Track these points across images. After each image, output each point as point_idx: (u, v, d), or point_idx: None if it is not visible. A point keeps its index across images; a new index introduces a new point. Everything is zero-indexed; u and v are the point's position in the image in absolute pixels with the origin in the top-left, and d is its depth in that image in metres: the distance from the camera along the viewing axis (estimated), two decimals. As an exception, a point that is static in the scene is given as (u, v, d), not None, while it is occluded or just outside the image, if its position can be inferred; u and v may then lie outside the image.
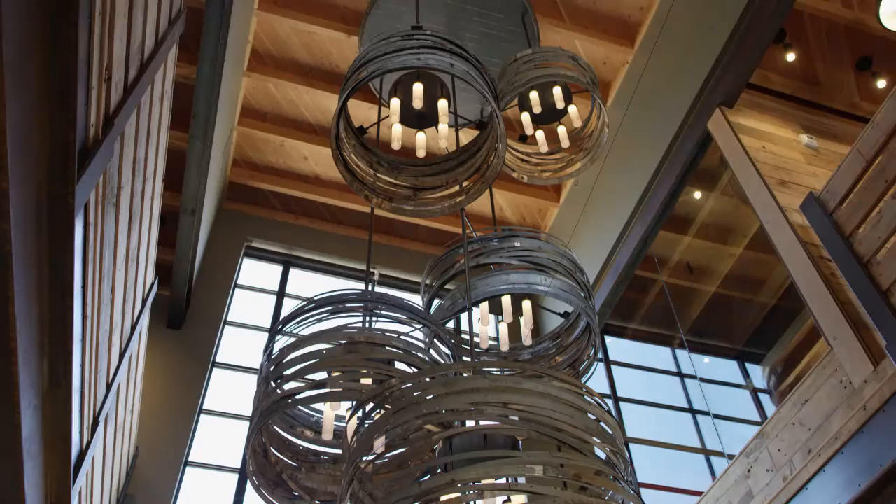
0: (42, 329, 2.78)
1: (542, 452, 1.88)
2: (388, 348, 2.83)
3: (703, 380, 7.81)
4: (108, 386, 4.19)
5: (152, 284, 5.10)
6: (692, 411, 7.89)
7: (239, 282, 8.48)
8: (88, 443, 3.83)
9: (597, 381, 7.84)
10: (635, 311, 8.43)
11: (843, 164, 4.20)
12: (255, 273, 8.72)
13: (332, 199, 8.89)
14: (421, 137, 4.14)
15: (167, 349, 7.29)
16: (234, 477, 6.85)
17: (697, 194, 7.47)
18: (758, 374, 8.32)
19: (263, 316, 8.31)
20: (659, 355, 8.65)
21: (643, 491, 6.87)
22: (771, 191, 4.93)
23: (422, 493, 1.86)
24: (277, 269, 8.82)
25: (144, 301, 4.88)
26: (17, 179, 2.23)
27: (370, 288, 3.88)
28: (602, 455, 2.15)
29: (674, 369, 8.47)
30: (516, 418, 2.03)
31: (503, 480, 2.04)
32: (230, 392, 7.51)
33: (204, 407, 7.22)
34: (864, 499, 3.58)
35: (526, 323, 3.81)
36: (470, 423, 2.26)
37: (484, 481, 1.94)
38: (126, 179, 3.65)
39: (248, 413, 6.19)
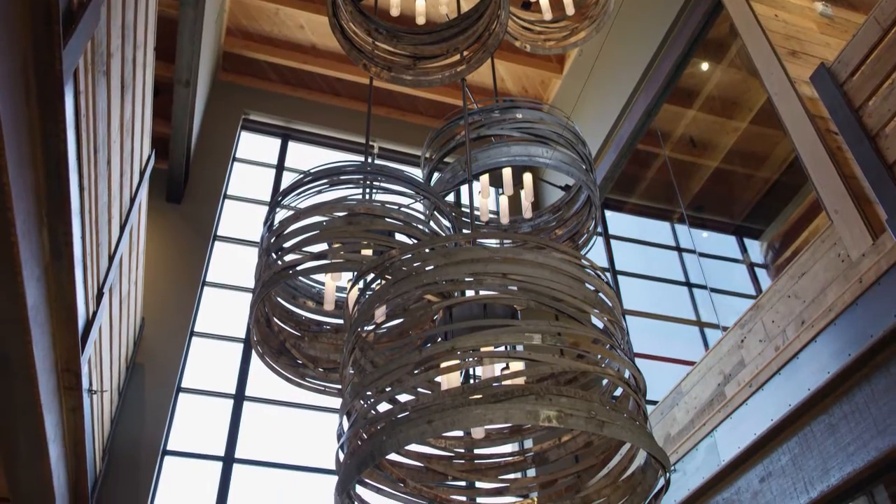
0: (39, 200, 2.76)
1: (541, 321, 1.90)
2: (388, 220, 2.82)
3: (701, 254, 7.88)
4: (111, 258, 4.22)
5: (149, 157, 5.05)
6: (689, 285, 8.01)
7: (237, 155, 8.40)
8: (94, 313, 3.90)
9: (596, 254, 7.91)
10: (636, 186, 8.41)
11: (857, 33, 4.05)
12: (254, 146, 8.63)
13: (330, 70, 8.67)
14: (420, 3, 3.98)
15: (168, 223, 7.31)
16: (239, 346, 7.04)
17: (704, 66, 7.27)
18: (756, 249, 8.39)
19: (263, 189, 8.29)
20: (658, 230, 8.70)
21: (638, 361, 7.07)
22: (781, 61, 4.79)
23: (422, 360, 1.89)
24: (276, 143, 8.72)
25: (142, 174, 4.84)
26: (1, 46, 2.14)
27: (370, 160, 3.84)
28: (599, 325, 2.18)
29: (672, 244, 8.53)
30: (515, 288, 2.04)
31: (502, 349, 2.08)
32: (232, 265, 7.59)
33: (207, 279, 7.32)
34: (852, 368, 3.68)
35: (526, 195, 3.79)
36: (469, 294, 2.28)
37: (483, 349, 1.97)
38: (115, 46, 3.52)
39: (251, 285, 6.28)
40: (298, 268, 2.74)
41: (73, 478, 4.49)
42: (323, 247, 2.85)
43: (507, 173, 3.75)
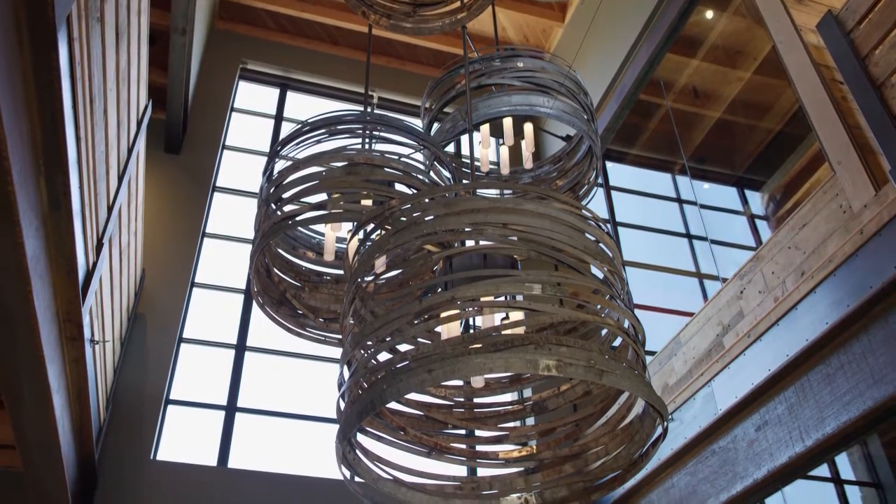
0: (35, 149, 2.73)
1: (540, 271, 1.90)
2: (387, 170, 2.80)
3: (702, 206, 7.87)
4: (110, 209, 4.20)
5: (146, 106, 4.99)
6: (689, 236, 8.00)
7: (235, 105, 8.32)
8: (94, 264, 3.90)
9: (596, 206, 7.90)
10: (638, 137, 8.34)
11: (866, -21, 3.97)
12: (252, 96, 8.54)
13: (329, 19, 8.53)
14: (420, -52, 3.89)
15: (167, 174, 7.27)
16: (240, 297, 7.07)
17: (709, 14, 7.15)
18: (756, 200, 8.37)
19: (262, 140, 8.23)
20: (659, 181, 8.66)
21: (637, 311, 7.08)
22: (787, 9, 4.70)
23: (423, 310, 1.89)
24: (274, 93, 8.63)
25: (139, 123, 4.80)
26: (-8, -11, 2.10)
27: (369, 110, 3.80)
28: (599, 275, 2.18)
29: (673, 195, 8.51)
30: (515, 238, 2.03)
31: (502, 298, 2.08)
32: (232, 216, 7.58)
33: (207, 230, 7.32)
34: (851, 319, 3.69)
35: (527, 146, 3.76)
36: (470, 244, 2.28)
37: (483, 299, 1.97)
38: (109, -8, 3.46)
39: (251, 236, 6.28)
40: (298, 218, 2.73)
41: (77, 427, 4.55)
42: (322, 197, 2.83)
43: (507, 123, 3.71)
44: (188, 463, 5.91)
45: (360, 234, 2.32)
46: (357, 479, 2.09)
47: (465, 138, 5.01)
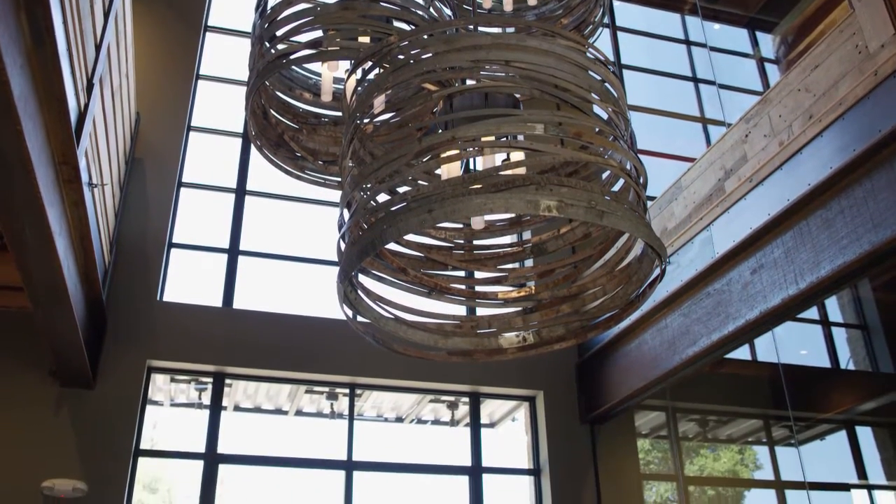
0: (12, -19, 2.59)
1: (543, 111, 1.84)
2: (384, 5, 2.67)
3: (711, 48, 7.62)
4: (98, 48, 4.05)
5: (129, -63, 4.71)
6: (696, 80, 7.81)
7: (224, -63, 7.87)
8: (86, 105, 3.81)
9: (602, 47, 7.66)
10: (648, -27, 7.95)
11: None
12: (241, -73, 8.05)
13: None
14: None
15: (155, 12, 6.98)
16: (238, 141, 6.98)
17: None
18: (768, 43, 8.10)
19: (253, -24, 7.85)
20: (667, 22, 8.35)
21: (640, 157, 7.04)
22: None
23: (422, 150, 1.85)
24: (264, -76, 8.13)
25: (122, -45, 4.54)
26: None
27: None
28: (603, 116, 2.12)
29: (682, 37, 8.22)
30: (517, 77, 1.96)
31: (503, 139, 2.03)
32: (226, 57, 7.36)
33: (201, 72, 7.12)
34: (855, 163, 3.65)
35: (532, -20, 3.57)
36: (470, 82, 2.20)
37: (484, 139, 1.92)
38: None
39: (245, 77, 6.11)
40: (292, 56, 2.63)
41: (82, 269, 4.62)
42: (318, 34, 2.71)
43: (511, -46, 3.51)
44: (194, 304, 6.06)
45: (358, 73, 2.24)
46: (359, 318, 2.12)
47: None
